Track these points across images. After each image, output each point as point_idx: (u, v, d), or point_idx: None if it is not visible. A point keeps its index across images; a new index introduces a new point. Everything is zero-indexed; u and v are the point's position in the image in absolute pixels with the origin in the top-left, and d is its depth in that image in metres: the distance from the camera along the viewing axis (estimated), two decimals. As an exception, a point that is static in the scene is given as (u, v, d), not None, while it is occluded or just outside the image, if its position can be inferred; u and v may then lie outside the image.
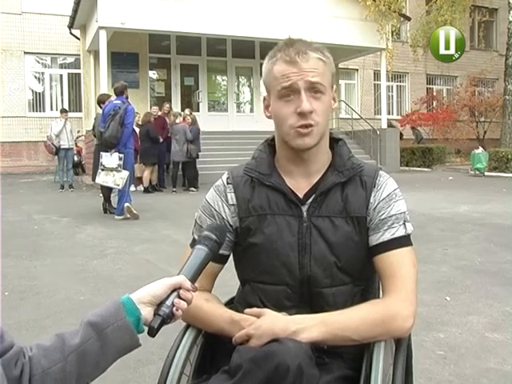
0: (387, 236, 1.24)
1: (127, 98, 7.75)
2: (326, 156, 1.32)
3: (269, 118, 1.31)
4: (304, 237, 1.25)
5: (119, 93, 7.69)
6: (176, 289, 1.03)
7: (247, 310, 1.23)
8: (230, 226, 1.30)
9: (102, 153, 7.53)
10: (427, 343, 2.92)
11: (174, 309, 1.01)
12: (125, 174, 7.33)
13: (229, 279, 1.49)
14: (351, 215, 1.25)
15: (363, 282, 1.29)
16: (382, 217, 1.25)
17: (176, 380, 1.16)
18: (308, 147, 1.25)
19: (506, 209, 7.91)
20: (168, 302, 1.01)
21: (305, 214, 1.26)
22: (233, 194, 1.31)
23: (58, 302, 3.80)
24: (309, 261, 1.24)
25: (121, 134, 7.32)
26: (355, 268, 1.25)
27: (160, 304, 1.01)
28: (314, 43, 1.27)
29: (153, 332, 1.00)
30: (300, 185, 1.29)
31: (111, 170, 7.36)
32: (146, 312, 1.00)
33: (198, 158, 11.28)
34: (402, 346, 1.22)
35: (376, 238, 1.25)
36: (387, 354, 1.16)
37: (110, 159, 7.38)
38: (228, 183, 1.33)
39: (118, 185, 7.35)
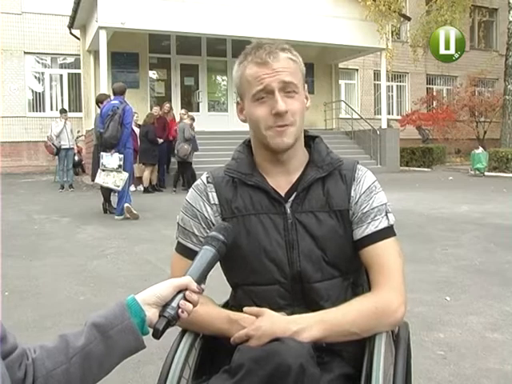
0: (371, 229, 1.25)
1: (124, 97, 7.70)
2: (303, 154, 1.32)
3: (243, 121, 1.32)
4: (290, 233, 1.25)
5: (118, 93, 7.68)
6: (182, 290, 1.01)
7: (246, 309, 1.22)
8: (213, 225, 1.28)
9: (102, 153, 7.53)
10: (427, 343, 2.92)
11: (180, 311, 1.00)
12: (125, 175, 7.33)
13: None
14: (334, 209, 1.27)
15: (351, 274, 1.30)
16: (365, 210, 1.26)
17: (176, 381, 1.15)
18: (287, 146, 1.25)
19: (506, 209, 7.91)
20: (173, 304, 1.00)
21: (288, 210, 1.26)
22: (214, 194, 1.30)
23: (58, 302, 3.80)
24: (297, 256, 1.24)
25: (120, 134, 7.33)
26: (342, 261, 1.26)
27: (165, 305, 1.00)
28: (281, 43, 1.27)
29: (157, 334, 0.98)
30: (280, 183, 1.29)
31: (111, 170, 7.36)
32: (151, 313, 0.99)
33: (186, 158, 11.14)
34: (402, 344, 1.23)
35: (360, 232, 1.26)
36: (387, 353, 1.16)
37: (111, 159, 7.37)
38: (208, 182, 1.32)
39: (118, 186, 7.35)
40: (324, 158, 1.30)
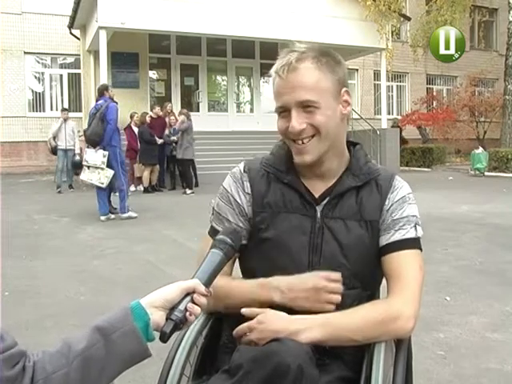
0: (397, 236, 1.24)
1: (111, 98, 7.61)
2: (342, 160, 1.32)
3: None
4: (316, 237, 1.24)
5: (100, 93, 7.71)
6: (189, 293, 1.00)
7: (244, 311, 1.20)
8: (246, 214, 1.30)
9: (86, 149, 7.61)
10: (427, 343, 2.92)
11: (187, 313, 0.98)
12: (110, 172, 7.32)
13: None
14: (365, 219, 1.26)
15: (371, 288, 1.29)
16: (395, 217, 1.26)
17: (176, 381, 1.16)
18: (307, 164, 1.25)
19: (506, 209, 7.91)
20: (181, 307, 0.98)
21: (319, 214, 1.26)
22: (248, 184, 1.31)
23: (58, 302, 3.81)
24: (319, 261, 1.24)
25: (102, 131, 7.27)
26: (365, 272, 1.25)
27: (173, 308, 0.98)
28: (310, 48, 1.23)
29: (165, 337, 0.96)
30: (316, 185, 1.29)
31: (96, 167, 7.37)
32: (158, 316, 0.97)
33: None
34: (402, 346, 1.22)
35: (386, 238, 1.25)
36: (388, 355, 1.16)
37: (95, 156, 7.39)
38: (245, 171, 1.33)
39: (103, 183, 7.35)
40: (361, 167, 1.31)
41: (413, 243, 1.25)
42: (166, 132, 11.36)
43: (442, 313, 3.45)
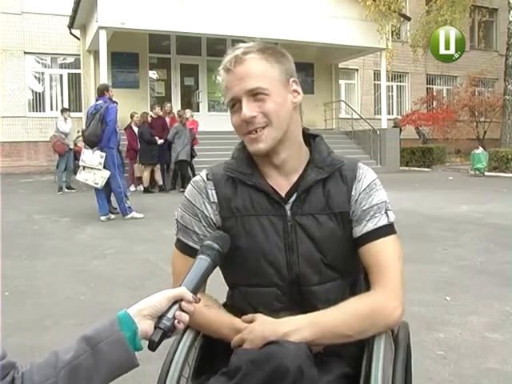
0: (370, 226, 1.24)
1: (110, 98, 7.60)
2: (302, 153, 1.30)
3: None
4: (290, 236, 1.23)
5: (100, 93, 7.69)
6: (177, 301, 1.00)
7: (243, 318, 1.22)
8: (214, 224, 1.27)
9: (83, 149, 7.61)
10: (427, 343, 2.92)
11: (176, 321, 0.98)
12: (106, 173, 7.31)
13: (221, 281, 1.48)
14: (334, 211, 1.25)
15: (350, 275, 1.29)
16: (364, 207, 1.25)
17: (175, 383, 1.16)
18: (262, 152, 1.24)
19: (506, 209, 7.91)
20: (169, 315, 0.98)
21: (288, 212, 1.25)
22: (213, 191, 1.28)
23: (58, 302, 3.80)
24: (297, 259, 1.23)
25: (101, 132, 7.26)
26: (341, 262, 1.25)
27: (161, 317, 0.98)
28: (256, 43, 1.25)
29: (153, 346, 0.96)
30: (281, 184, 1.28)
31: (92, 168, 7.37)
32: (146, 325, 0.97)
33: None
34: (401, 344, 1.22)
35: (360, 230, 1.24)
36: (387, 353, 1.16)
37: (92, 157, 7.37)
38: (208, 179, 1.30)
39: (97, 184, 7.34)
40: (325, 159, 1.28)
41: (386, 230, 1.24)
42: None
43: (442, 313, 3.45)
